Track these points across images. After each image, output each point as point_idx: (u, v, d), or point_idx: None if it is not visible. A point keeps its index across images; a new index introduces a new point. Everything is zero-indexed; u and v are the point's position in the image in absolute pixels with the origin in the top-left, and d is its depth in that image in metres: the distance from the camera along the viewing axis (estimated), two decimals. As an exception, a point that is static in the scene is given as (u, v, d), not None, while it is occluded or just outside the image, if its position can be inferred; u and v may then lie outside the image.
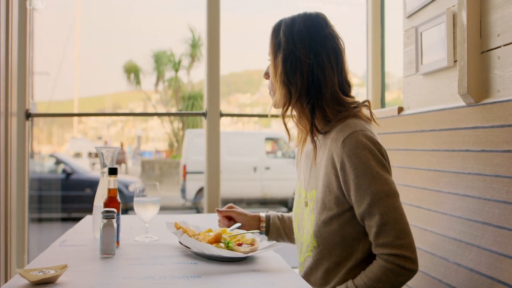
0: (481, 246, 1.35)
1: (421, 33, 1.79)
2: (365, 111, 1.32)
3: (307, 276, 1.36)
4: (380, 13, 2.62)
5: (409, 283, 1.75)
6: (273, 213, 1.63)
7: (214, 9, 2.43)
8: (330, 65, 1.28)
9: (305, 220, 1.37)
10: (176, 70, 19.11)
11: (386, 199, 1.19)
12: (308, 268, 1.35)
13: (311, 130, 1.31)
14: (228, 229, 1.42)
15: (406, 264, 1.18)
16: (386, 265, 1.19)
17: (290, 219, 1.60)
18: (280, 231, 1.59)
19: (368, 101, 1.34)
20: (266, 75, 1.41)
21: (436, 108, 1.65)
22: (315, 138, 1.32)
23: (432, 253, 1.61)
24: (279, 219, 1.60)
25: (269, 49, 1.34)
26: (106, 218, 1.21)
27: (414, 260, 1.19)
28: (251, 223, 1.57)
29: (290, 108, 1.33)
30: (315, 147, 1.32)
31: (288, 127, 1.36)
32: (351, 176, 1.21)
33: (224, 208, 1.58)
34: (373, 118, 1.33)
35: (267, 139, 10.39)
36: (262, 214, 1.60)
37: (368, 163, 1.20)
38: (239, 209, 1.59)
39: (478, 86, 1.43)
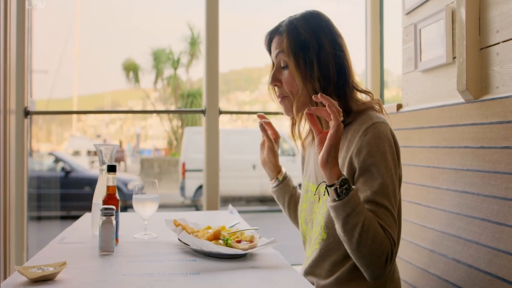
0: (480, 242, 1.35)
1: (420, 30, 1.79)
2: (376, 107, 1.34)
3: (312, 268, 1.35)
4: (379, 10, 2.61)
5: (408, 279, 1.75)
6: (292, 178, 1.62)
7: (213, 6, 2.43)
8: (348, 53, 1.32)
9: (316, 214, 1.37)
10: (175, 68, 19.12)
11: (390, 195, 1.20)
12: (314, 261, 1.34)
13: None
14: (227, 226, 1.42)
15: (390, 260, 1.16)
16: (389, 237, 1.16)
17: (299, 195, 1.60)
18: (285, 195, 1.59)
19: (379, 99, 1.35)
20: (277, 81, 1.34)
21: (435, 105, 1.65)
22: None
23: (431, 250, 1.61)
24: (293, 187, 1.60)
25: (286, 51, 1.29)
26: (105, 215, 1.21)
27: (391, 264, 1.17)
28: (270, 167, 1.57)
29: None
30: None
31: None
32: (366, 163, 1.21)
33: (271, 130, 1.54)
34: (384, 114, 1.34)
35: (266, 136, 10.37)
36: (284, 170, 1.59)
37: (385, 155, 1.21)
38: (276, 146, 1.56)
39: (477, 83, 1.43)
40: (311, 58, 1.27)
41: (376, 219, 1.17)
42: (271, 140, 1.55)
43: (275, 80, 1.34)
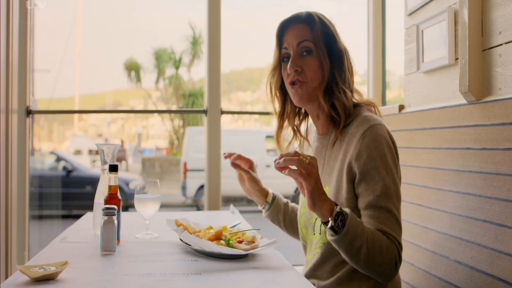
0: (482, 244, 1.35)
1: (422, 31, 1.79)
2: (372, 108, 1.35)
3: (313, 272, 1.35)
4: (381, 10, 2.61)
5: (409, 280, 1.75)
6: (280, 196, 1.61)
7: (215, 6, 2.43)
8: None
9: (315, 217, 1.36)
10: (177, 68, 19.09)
11: (393, 197, 1.21)
12: (316, 264, 1.34)
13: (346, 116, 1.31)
14: (228, 227, 1.42)
15: (399, 263, 1.19)
16: (393, 242, 1.18)
17: (293, 209, 1.60)
18: (279, 215, 1.58)
19: (374, 102, 1.36)
20: (298, 67, 1.30)
21: (437, 106, 1.65)
22: (335, 129, 1.32)
23: (432, 251, 1.61)
24: (284, 204, 1.59)
25: (315, 38, 1.29)
26: (106, 215, 1.22)
27: (399, 266, 1.20)
28: (257, 194, 1.56)
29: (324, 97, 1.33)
30: (337, 137, 1.31)
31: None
32: (366, 167, 1.21)
33: (243, 161, 1.53)
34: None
35: (268, 137, 10.38)
36: (271, 192, 1.58)
37: (384, 158, 1.21)
38: (254, 174, 1.55)
39: (480, 84, 1.43)
40: (339, 49, 1.31)
41: (380, 226, 1.18)
42: (247, 170, 1.54)
43: (296, 65, 1.31)
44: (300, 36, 1.31)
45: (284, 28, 1.35)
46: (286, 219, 1.58)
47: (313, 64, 1.30)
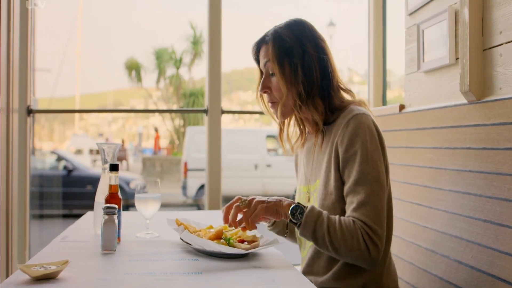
0: (482, 243, 1.35)
1: (423, 31, 1.79)
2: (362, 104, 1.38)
3: (309, 268, 1.37)
4: (382, 10, 2.61)
5: (409, 279, 1.75)
6: None
7: (216, 6, 2.43)
8: (331, 56, 1.38)
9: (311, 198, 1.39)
10: (177, 67, 19.09)
11: (372, 182, 1.22)
12: (311, 259, 1.36)
13: (323, 122, 1.35)
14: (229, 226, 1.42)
15: (372, 245, 1.18)
16: (359, 227, 1.19)
17: None
18: (285, 224, 1.57)
19: (362, 99, 1.39)
20: (267, 88, 1.40)
21: (438, 106, 1.65)
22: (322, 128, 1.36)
23: (433, 251, 1.61)
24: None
25: (272, 58, 1.34)
26: (107, 214, 1.22)
27: (379, 249, 1.19)
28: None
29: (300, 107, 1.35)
30: (323, 137, 1.35)
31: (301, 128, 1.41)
32: (348, 153, 1.25)
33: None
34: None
35: (268, 136, 10.39)
36: None
37: (365, 144, 1.24)
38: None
39: (480, 84, 1.43)
40: (296, 63, 1.33)
41: (351, 212, 1.21)
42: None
43: (265, 87, 1.40)
44: (265, 58, 1.38)
45: (257, 49, 1.42)
46: (291, 230, 1.57)
47: (275, 85, 1.37)
